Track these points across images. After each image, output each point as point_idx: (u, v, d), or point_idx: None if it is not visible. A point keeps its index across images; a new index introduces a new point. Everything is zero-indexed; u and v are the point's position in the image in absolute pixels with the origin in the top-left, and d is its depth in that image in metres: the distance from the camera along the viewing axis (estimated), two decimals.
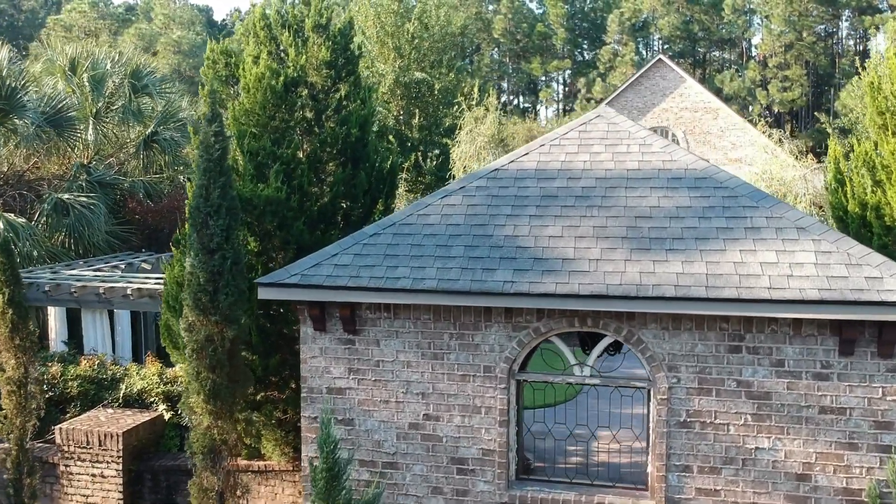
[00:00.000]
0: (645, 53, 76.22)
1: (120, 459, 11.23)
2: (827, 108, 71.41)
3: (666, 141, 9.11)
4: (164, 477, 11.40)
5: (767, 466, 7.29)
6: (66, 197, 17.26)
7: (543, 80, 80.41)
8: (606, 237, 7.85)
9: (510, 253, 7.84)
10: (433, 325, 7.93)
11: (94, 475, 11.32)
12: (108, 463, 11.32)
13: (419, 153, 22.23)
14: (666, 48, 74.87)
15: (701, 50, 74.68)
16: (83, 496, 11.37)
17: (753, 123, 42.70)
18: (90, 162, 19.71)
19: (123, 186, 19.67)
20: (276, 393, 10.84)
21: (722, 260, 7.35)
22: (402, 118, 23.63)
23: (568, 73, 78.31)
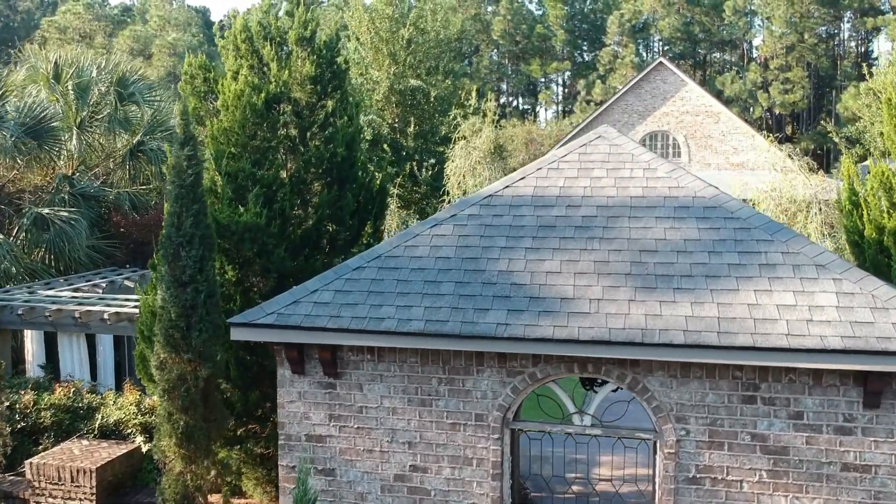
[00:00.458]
0: (645, 55, 75.67)
1: (94, 496, 10.61)
2: (828, 109, 70.83)
3: (672, 165, 8.50)
4: None
5: None
6: (45, 212, 16.63)
7: (543, 81, 79.82)
8: (608, 273, 7.23)
9: (504, 291, 7.23)
10: (421, 368, 7.31)
11: None
12: (80, 500, 10.70)
13: (414, 162, 21.61)
14: (666, 50, 74.31)
15: (701, 52, 74.08)
16: None
17: (758, 128, 42.16)
18: (74, 173, 19.07)
19: (108, 199, 19.02)
20: (257, 427, 10.22)
21: (735, 301, 6.73)
22: (397, 126, 23.00)
23: (567, 74, 77.74)
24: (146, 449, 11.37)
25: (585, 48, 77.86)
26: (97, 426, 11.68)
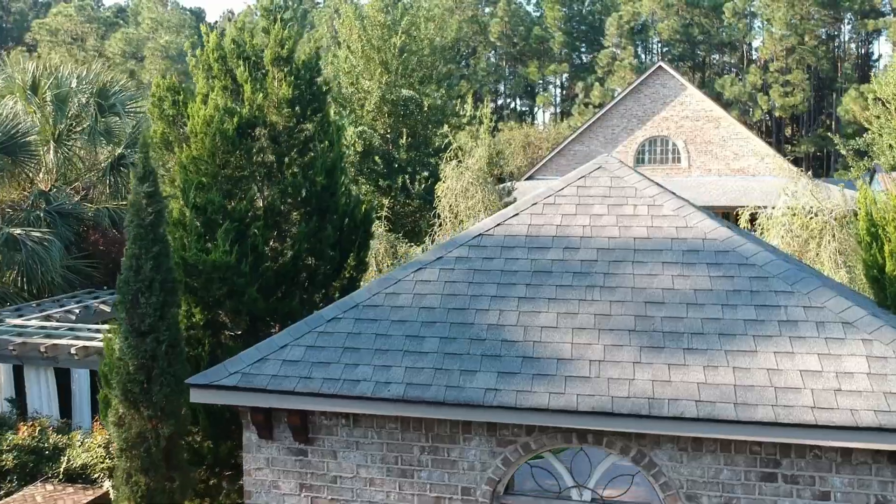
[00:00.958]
0: (644, 57, 74.96)
1: None
2: (829, 112, 70.15)
3: (679, 201, 7.75)
4: None
5: None
6: (17, 232, 15.85)
7: (541, 83, 79.11)
8: (610, 329, 6.49)
9: (494, 348, 6.48)
10: (401, 435, 6.57)
11: None
12: None
13: (407, 175, 20.85)
14: (665, 52, 73.63)
15: (701, 53, 73.37)
16: None
17: (758, 132, 41.48)
18: (51, 188, 18.31)
19: (87, 215, 18.26)
20: (227, 475, 9.47)
21: (753, 365, 5.99)
22: (389, 137, 22.23)
23: (566, 76, 77.01)
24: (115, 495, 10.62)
25: (584, 50, 77.13)
26: (62, 469, 10.92)
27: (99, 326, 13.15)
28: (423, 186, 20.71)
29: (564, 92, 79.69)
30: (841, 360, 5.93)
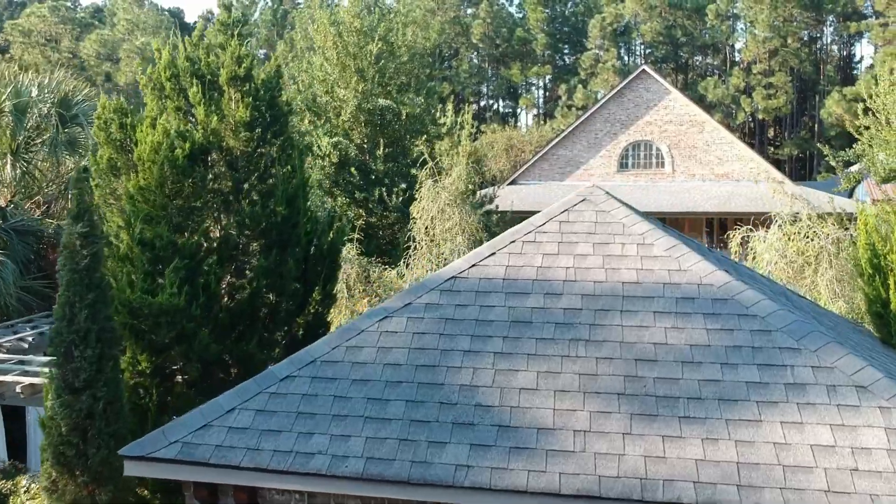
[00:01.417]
0: (627, 59, 74.56)
1: None
2: (812, 114, 70.03)
3: (672, 240, 7.06)
4: None
5: None
6: None
7: (523, 85, 78.54)
8: (597, 393, 5.78)
9: (467, 415, 5.76)
10: None
11: None
12: None
13: (384, 188, 20.08)
14: (648, 53, 73.26)
15: (684, 55, 73.09)
16: None
17: (742, 135, 41.15)
18: (9, 204, 17.41)
19: (48, 232, 17.37)
20: None
21: (757, 438, 5.30)
22: (366, 147, 21.43)
23: (548, 78, 76.47)
24: None
25: (567, 52, 76.63)
26: None
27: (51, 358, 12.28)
28: (400, 199, 19.96)
29: (547, 94, 79.16)
30: (856, 432, 5.26)
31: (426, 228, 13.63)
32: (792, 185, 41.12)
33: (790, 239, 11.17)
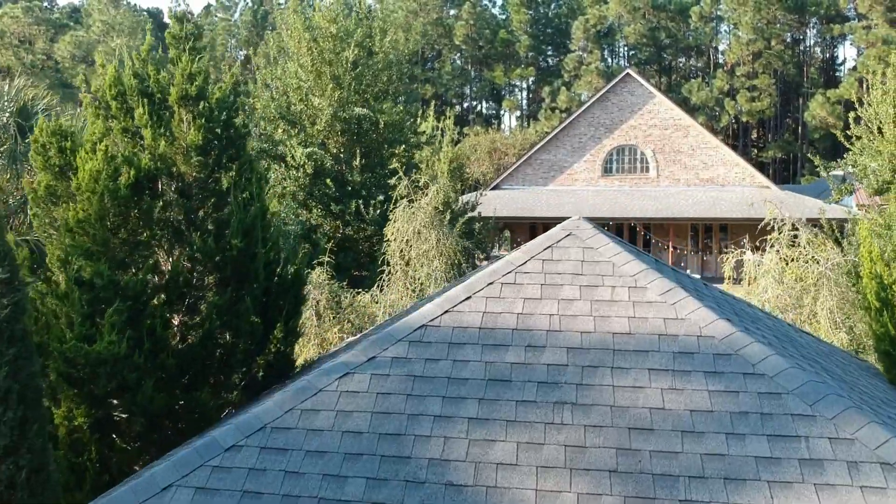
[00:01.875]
0: (611, 61, 74.19)
1: None
2: (795, 116, 69.85)
3: (666, 283, 6.34)
4: None
5: None
6: None
7: (507, 87, 77.94)
8: (586, 469, 5.05)
9: (436, 497, 5.01)
10: None
11: None
12: None
13: (361, 199, 19.29)
14: (632, 55, 72.90)
15: (667, 57, 72.75)
16: None
17: (725, 138, 40.76)
18: None
19: None
20: None
21: None
22: (342, 157, 20.63)
23: (532, 80, 75.94)
24: None
25: (550, 53, 76.17)
26: None
27: None
28: (378, 211, 19.19)
29: (531, 96, 78.63)
30: None
31: (401, 252, 12.87)
32: (777, 189, 40.80)
33: (787, 264, 10.54)
